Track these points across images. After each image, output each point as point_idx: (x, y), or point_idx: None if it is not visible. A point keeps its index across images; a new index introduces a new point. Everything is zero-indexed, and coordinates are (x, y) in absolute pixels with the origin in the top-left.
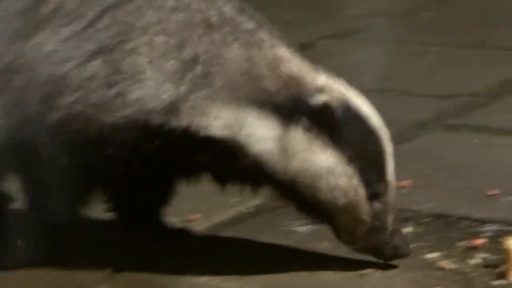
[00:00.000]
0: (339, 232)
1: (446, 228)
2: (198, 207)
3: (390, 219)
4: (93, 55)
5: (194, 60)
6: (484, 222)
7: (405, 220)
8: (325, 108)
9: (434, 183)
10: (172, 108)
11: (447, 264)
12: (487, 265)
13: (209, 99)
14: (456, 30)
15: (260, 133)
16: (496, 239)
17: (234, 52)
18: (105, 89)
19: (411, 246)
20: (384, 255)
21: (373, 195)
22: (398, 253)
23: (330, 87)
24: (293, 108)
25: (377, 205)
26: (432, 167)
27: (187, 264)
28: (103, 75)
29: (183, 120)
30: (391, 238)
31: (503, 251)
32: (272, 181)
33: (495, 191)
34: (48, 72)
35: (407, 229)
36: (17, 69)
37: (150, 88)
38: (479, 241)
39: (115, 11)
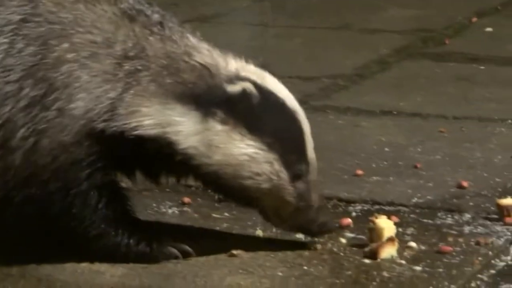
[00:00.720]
0: (267, 214)
1: None
2: None
3: (314, 197)
4: (23, 82)
5: (125, 57)
6: (350, 202)
7: None
8: (242, 97)
9: None
10: (113, 110)
11: (315, 244)
12: (355, 245)
13: (139, 96)
14: (320, 13)
15: (186, 130)
16: (363, 218)
17: (153, 46)
18: (45, 113)
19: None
20: (312, 232)
21: (296, 176)
22: (325, 229)
23: (244, 73)
24: (209, 99)
25: (300, 185)
26: None
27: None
28: (39, 96)
29: (121, 122)
30: (317, 215)
31: (370, 231)
32: (199, 173)
33: (360, 172)
34: None
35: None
36: None
37: (90, 94)
38: (346, 221)
39: (27, 29)
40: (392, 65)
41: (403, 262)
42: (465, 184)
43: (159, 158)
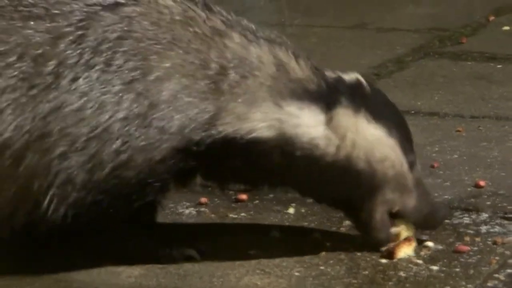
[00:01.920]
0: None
1: (329, 208)
2: None
3: (425, 187)
4: (123, 95)
5: (224, 70)
6: None
7: (288, 201)
8: (358, 86)
9: None
10: (212, 122)
11: (332, 243)
12: (372, 244)
13: (248, 103)
14: (335, 11)
15: (307, 122)
16: None
17: (255, 53)
18: (143, 129)
19: (296, 228)
20: (436, 224)
21: (411, 165)
22: (444, 217)
23: (350, 73)
24: (329, 91)
25: (416, 174)
26: None
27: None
28: (140, 113)
29: (226, 130)
30: (438, 205)
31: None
32: (322, 169)
33: None
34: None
35: (289, 210)
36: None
37: (188, 112)
38: None
39: (126, 45)
40: (409, 64)
41: (420, 261)
42: (482, 183)
43: (264, 164)
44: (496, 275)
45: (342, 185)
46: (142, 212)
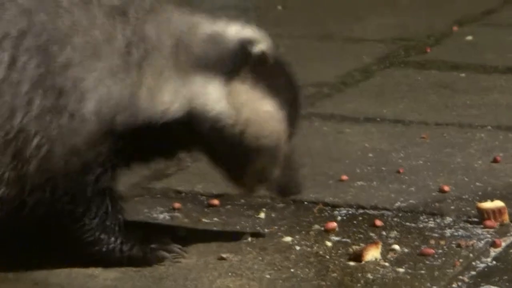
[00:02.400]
0: (253, 177)
1: (300, 212)
2: None
3: (295, 159)
4: (31, 93)
5: (128, 47)
6: (335, 206)
7: (259, 206)
8: (261, 57)
9: None
10: (130, 105)
11: (301, 247)
12: (340, 248)
13: (157, 80)
14: (302, 22)
15: (212, 98)
16: (347, 222)
17: (155, 30)
18: (57, 120)
19: (266, 232)
20: (291, 192)
21: (290, 136)
22: (298, 190)
23: (256, 36)
24: (231, 62)
25: (288, 146)
26: None
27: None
28: (49, 105)
29: (143, 111)
30: (296, 176)
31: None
32: (221, 138)
33: (345, 177)
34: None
35: (260, 215)
36: None
37: (102, 93)
38: (332, 225)
39: (28, 41)
40: (375, 73)
41: (387, 264)
42: (446, 188)
43: (178, 137)
44: (461, 277)
45: (239, 151)
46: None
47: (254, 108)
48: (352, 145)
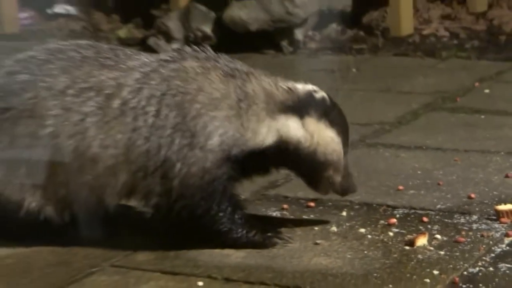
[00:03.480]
0: (320, 184)
1: (370, 212)
2: None
3: (349, 169)
4: (172, 136)
5: (239, 101)
6: (395, 207)
7: (341, 207)
8: (322, 101)
9: (360, 182)
10: (242, 138)
11: (372, 236)
12: (398, 237)
13: (257, 122)
14: (371, 80)
15: (294, 127)
16: (403, 219)
17: (252, 88)
18: (192, 152)
19: (347, 225)
20: (349, 192)
21: (344, 153)
22: (355, 190)
23: (316, 88)
24: (303, 105)
25: (346, 160)
26: (358, 171)
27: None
28: (186, 143)
29: (251, 142)
30: (352, 180)
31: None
32: (301, 155)
33: (401, 187)
34: (154, 161)
35: (343, 213)
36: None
37: (222, 133)
38: (393, 220)
39: (167, 100)
40: (421, 115)
41: (431, 248)
42: (473, 195)
43: (274, 157)
44: (484, 258)
45: (314, 164)
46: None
47: (321, 134)
48: (406, 165)
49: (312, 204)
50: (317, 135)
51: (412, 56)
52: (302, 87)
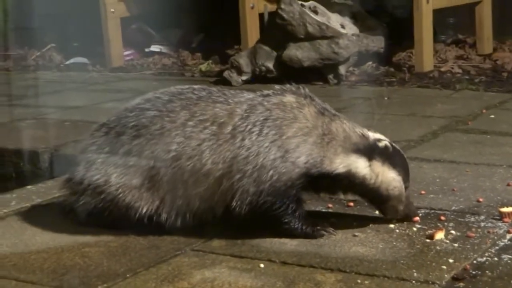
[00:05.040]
0: (387, 210)
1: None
2: None
3: (410, 199)
4: (269, 148)
5: (323, 135)
6: (418, 208)
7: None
8: (385, 148)
9: None
10: (321, 162)
11: (399, 230)
12: (421, 231)
13: (334, 154)
14: (400, 107)
15: (362, 166)
16: (425, 217)
17: (335, 127)
18: (284, 163)
19: (380, 221)
20: (411, 216)
21: (405, 188)
22: (416, 213)
23: (377, 136)
24: (371, 150)
25: (406, 192)
26: None
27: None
28: (280, 156)
29: (327, 167)
30: (412, 207)
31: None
32: (364, 189)
33: (423, 192)
34: (252, 165)
35: (376, 212)
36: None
37: (307, 155)
38: (416, 218)
39: (268, 123)
40: (439, 135)
41: (447, 241)
42: (481, 200)
43: (342, 184)
44: (490, 249)
45: (378, 196)
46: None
47: (385, 175)
48: (427, 175)
49: (351, 204)
50: (381, 175)
51: (432, 88)
52: (372, 135)
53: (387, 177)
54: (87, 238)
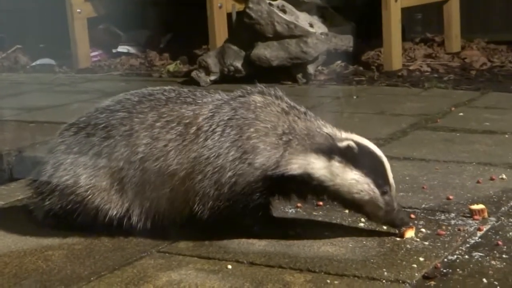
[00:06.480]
0: (368, 216)
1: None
2: None
3: (395, 204)
4: (229, 148)
5: (283, 134)
6: None
7: None
8: (348, 149)
9: None
10: (276, 163)
11: (369, 228)
12: (391, 230)
13: (292, 154)
14: (369, 105)
15: (318, 166)
16: None
17: (299, 125)
18: (241, 165)
19: (349, 220)
20: (395, 225)
21: (383, 193)
22: (403, 222)
23: (349, 137)
24: (331, 150)
25: (386, 197)
26: None
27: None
28: (238, 156)
29: (282, 169)
30: (397, 214)
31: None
32: (326, 192)
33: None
34: (213, 166)
35: (346, 211)
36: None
37: (265, 155)
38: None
39: (231, 122)
40: (409, 133)
41: (418, 239)
42: (451, 197)
43: (303, 186)
44: (460, 247)
45: (345, 201)
46: (264, 210)
47: (343, 177)
48: (396, 173)
49: (321, 203)
50: (339, 176)
51: (401, 86)
52: (343, 135)
53: (347, 179)
54: (51, 240)
